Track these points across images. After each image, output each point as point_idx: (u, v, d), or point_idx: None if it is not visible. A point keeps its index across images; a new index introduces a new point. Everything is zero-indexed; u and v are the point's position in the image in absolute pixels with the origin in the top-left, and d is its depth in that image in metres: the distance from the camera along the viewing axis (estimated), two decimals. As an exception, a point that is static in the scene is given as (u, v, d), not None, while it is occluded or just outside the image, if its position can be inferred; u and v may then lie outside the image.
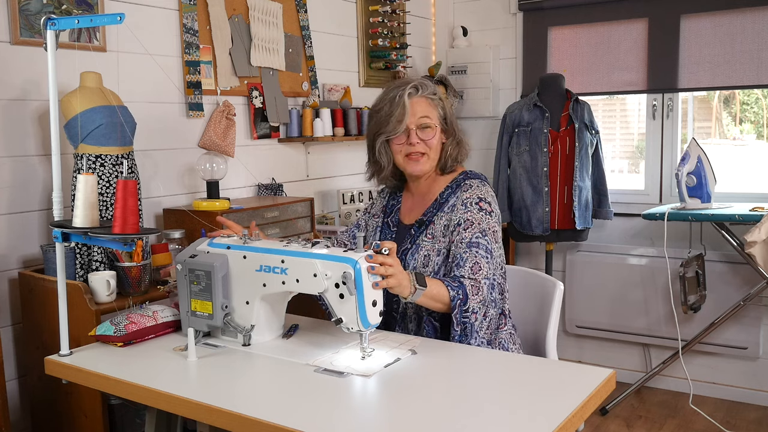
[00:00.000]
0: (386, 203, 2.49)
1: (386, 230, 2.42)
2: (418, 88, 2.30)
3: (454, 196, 2.30)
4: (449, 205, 2.29)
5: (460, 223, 2.22)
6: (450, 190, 2.33)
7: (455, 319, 2.07)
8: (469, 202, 2.25)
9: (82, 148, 2.64)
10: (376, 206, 2.53)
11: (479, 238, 2.19)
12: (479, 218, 2.22)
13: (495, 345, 2.26)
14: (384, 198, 2.53)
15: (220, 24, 3.43)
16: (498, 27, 4.95)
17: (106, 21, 2.05)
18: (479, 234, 2.19)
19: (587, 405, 1.63)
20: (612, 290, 4.54)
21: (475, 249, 2.17)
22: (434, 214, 2.30)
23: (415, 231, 2.32)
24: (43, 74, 2.67)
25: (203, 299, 2.05)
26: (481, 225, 2.21)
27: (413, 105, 2.29)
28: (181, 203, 3.26)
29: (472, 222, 2.21)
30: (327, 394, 1.69)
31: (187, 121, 3.32)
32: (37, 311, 2.64)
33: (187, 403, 1.67)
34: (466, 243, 2.18)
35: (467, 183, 2.31)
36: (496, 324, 2.27)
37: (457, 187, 2.31)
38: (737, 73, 4.17)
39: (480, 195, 2.27)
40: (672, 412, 4.14)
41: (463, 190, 2.29)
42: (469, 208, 2.24)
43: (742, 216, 3.65)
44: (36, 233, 2.79)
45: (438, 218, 2.29)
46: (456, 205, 2.27)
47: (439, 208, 2.30)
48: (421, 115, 2.29)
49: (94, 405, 2.52)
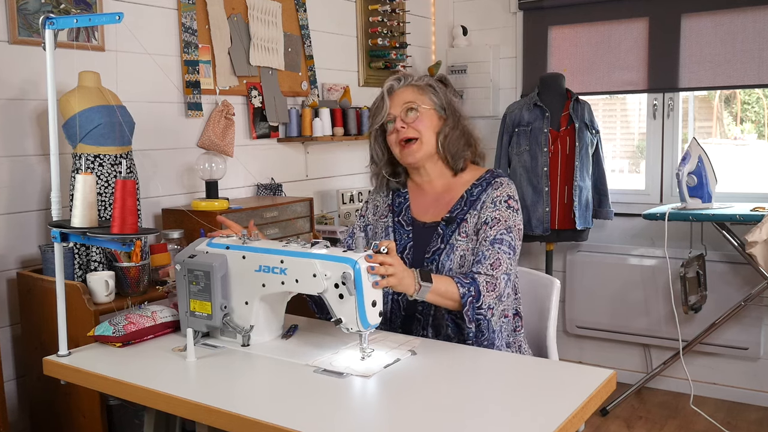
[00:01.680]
0: (392, 201, 2.42)
1: (400, 229, 2.34)
2: (400, 79, 2.31)
3: (485, 193, 2.25)
4: (481, 202, 2.24)
5: (488, 222, 2.19)
6: (480, 187, 2.28)
7: (467, 316, 2.05)
8: (498, 200, 2.22)
9: (80, 147, 2.64)
10: (380, 206, 2.44)
11: (504, 234, 2.17)
12: (506, 216, 2.20)
13: (514, 347, 2.26)
14: (386, 197, 2.45)
15: (219, 23, 3.43)
16: (498, 26, 4.94)
17: (105, 20, 2.05)
18: (504, 231, 2.17)
19: (587, 406, 1.62)
20: (612, 290, 4.53)
21: (498, 245, 2.15)
22: (466, 211, 2.25)
23: (443, 230, 2.25)
24: (41, 74, 2.64)
25: (202, 299, 2.04)
26: (508, 222, 2.19)
27: (397, 95, 2.29)
28: (180, 203, 3.26)
29: (499, 220, 2.19)
30: (326, 394, 1.69)
31: (186, 121, 3.32)
32: (35, 312, 2.64)
33: (185, 403, 1.67)
34: (490, 240, 2.15)
35: (498, 181, 2.27)
36: (513, 326, 2.26)
37: (488, 185, 2.27)
38: (738, 72, 4.16)
39: (509, 193, 2.25)
40: (673, 413, 4.14)
41: (494, 188, 2.25)
42: (498, 207, 2.21)
43: (743, 216, 3.64)
44: (34, 233, 2.79)
45: (471, 216, 2.23)
46: (486, 203, 2.23)
47: (470, 205, 2.25)
48: (405, 102, 2.27)
49: (93, 405, 2.51)
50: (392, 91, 2.30)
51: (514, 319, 2.28)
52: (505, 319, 2.22)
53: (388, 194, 2.45)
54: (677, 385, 4.41)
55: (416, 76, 2.33)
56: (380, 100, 2.30)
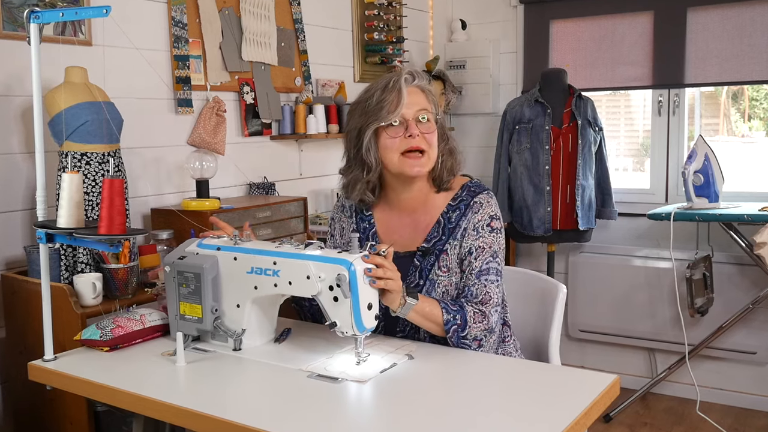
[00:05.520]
0: (356, 225, 2.21)
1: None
2: (414, 76, 2.06)
3: (464, 218, 2.08)
4: (461, 230, 2.07)
5: (472, 252, 2.04)
6: (458, 211, 2.09)
7: (451, 342, 1.98)
8: (480, 226, 2.06)
9: (67, 145, 2.64)
10: (346, 228, 2.24)
11: (490, 262, 2.04)
12: (491, 241, 2.05)
13: None
14: (350, 218, 2.24)
15: (210, 17, 3.42)
16: (498, 20, 4.93)
17: (92, 14, 2.05)
18: (490, 258, 2.05)
19: (590, 412, 1.62)
20: (616, 293, 4.52)
21: (485, 277, 2.03)
22: (445, 241, 2.08)
23: (420, 261, 2.09)
24: (26, 69, 2.68)
25: (192, 302, 2.03)
26: (492, 247, 2.05)
27: (411, 93, 2.04)
28: (170, 203, 3.25)
29: (484, 248, 2.04)
30: (321, 400, 1.68)
31: (176, 118, 3.31)
32: (20, 315, 2.63)
33: (175, 409, 1.67)
34: (476, 273, 2.03)
35: (477, 202, 2.08)
36: (500, 337, 2.17)
37: (467, 208, 2.08)
38: (746, 67, 4.15)
39: (491, 213, 2.08)
40: (678, 419, 4.13)
41: (473, 211, 2.07)
42: (481, 233, 2.05)
43: (751, 216, 3.62)
44: (19, 234, 2.78)
45: (451, 246, 2.07)
46: (467, 230, 2.06)
47: (449, 234, 2.08)
48: (419, 107, 2.04)
49: (80, 412, 2.50)
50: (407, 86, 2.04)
51: (502, 329, 2.18)
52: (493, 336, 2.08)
53: (351, 215, 2.25)
54: (683, 391, 4.39)
55: (426, 78, 2.11)
56: (394, 93, 2.02)
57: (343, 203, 2.29)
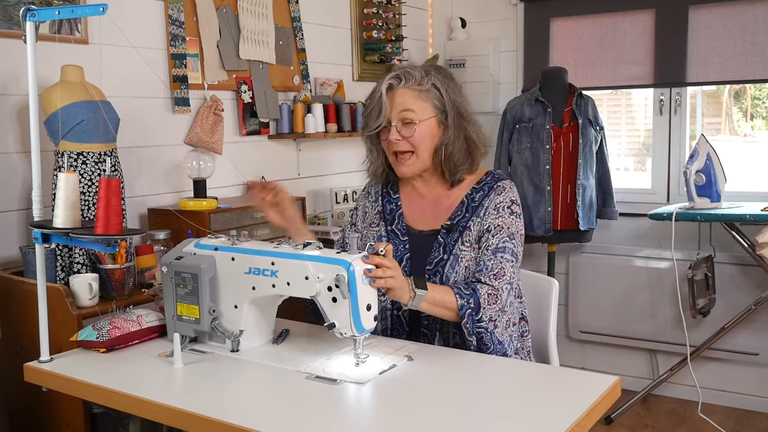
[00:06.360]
0: (382, 208, 2.31)
1: (394, 239, 2.23)
2: (400, 78, 2.13)
3: (487, 198, 2.16)
4: (484, 208, 2.14)
5: (490, 230, 2.11)
6: (482, 192, 2.18)
7: (466, 329, 2.00)
8: (502, 206, 2.13)
9: (63, 145, 2.63)
10: (369, 213, 2.34)
11: (506, 242, 2.10)
12: (509, 222, 2.12)
13: (523, 354, 2.20)
14: (375, 202, 2.34)
15: (208, 15, 3.42)
16: (498, 18, 4.92)
17: (88, 12, 2.06)
18: (507, 238, 2.10)
19: (591, 414, 1.61)
20: (617, 294, 4.51)
21: (501, 254, 2.08)
22: (468, 218, 2.15)
23: (444, 238, 2.15)
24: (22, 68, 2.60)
25: (190, 303, 2.03)
26: (510, 229, 2.12)
27: (394, 97, 2.12)
28: (167, 202, 3.25)
29: (502, 227, 2.11)
30: (319, 402, 1.68)
31: (173, 117, 3.30)
32: (15, 316, 2.62)
33: (172, 411, 1.66)
34: (492, 249, 2.09)
35: (500, 185, 2.17)
36: (519, 330, 2.20)
37: (491, 190, 2.17)
38: (748, 66, 4.14)
39: (512, 197, 2.16)
40: (680, 421, 4.12)
41: (497, 193, 2.15)
42: (501, 213, 2.12)
43: (754, 216, 3.61)
44: (15, 234, 2.77)
45: (474, 223, 2.14)
46: (489, 209, 2.14)
47: (472, 212, 2.16)
48: (402, 108, 2.12)
49: (76, 413, 2.49)
50: (391, 91, 2.13)
51: (521, 323, 2.22)
52: (513, 327, 2.15)
53: (377, 200, 2.34)
54: (685, 392, 4.38)
55: (418, 74, 2.14)
56: (377, 101, 2.13)
57: (368, 190, 2.38)
